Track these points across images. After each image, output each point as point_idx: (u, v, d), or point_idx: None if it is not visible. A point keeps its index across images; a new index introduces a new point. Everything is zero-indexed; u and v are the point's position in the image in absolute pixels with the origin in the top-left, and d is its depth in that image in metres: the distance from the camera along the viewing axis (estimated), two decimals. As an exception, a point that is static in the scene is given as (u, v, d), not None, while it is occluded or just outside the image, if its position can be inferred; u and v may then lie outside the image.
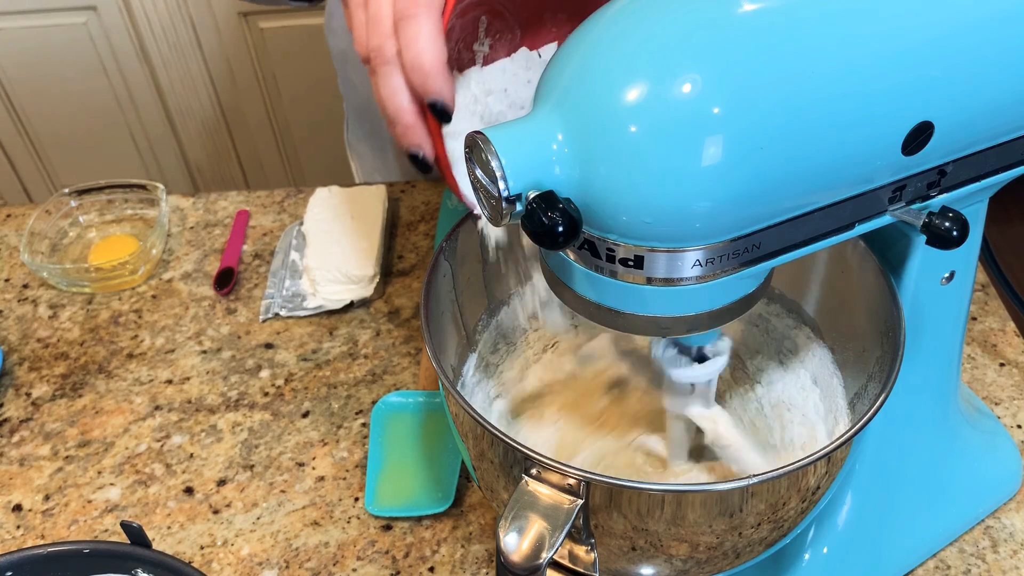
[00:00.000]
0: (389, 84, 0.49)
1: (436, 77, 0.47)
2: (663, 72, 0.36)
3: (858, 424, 0.43)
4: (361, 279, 0.82)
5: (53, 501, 0.69)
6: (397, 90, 0.49)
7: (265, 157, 1.86)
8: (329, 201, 0.90)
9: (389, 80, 0.49)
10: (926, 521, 0.61)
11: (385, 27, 0.48)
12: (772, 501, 0.44)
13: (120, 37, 1.64)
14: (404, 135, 0.50)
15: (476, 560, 0.63)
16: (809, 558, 0.59)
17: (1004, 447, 0.66)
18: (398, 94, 0.49)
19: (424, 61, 0.47)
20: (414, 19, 0.47)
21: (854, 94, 0.37)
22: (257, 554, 0.64)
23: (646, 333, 0.43)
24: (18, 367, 0.79)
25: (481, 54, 0.58)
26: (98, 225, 0.93)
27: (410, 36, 0.47)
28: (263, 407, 0.74)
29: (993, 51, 0.40)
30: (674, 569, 0.48)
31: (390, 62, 0.49)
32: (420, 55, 0.47)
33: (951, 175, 0.43)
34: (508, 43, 0.59)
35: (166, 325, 0.82)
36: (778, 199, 0.38)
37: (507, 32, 0.58)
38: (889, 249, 0.51)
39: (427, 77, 0.47)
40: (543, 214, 0.37)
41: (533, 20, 0.59)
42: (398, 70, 0.49)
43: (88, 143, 1.79)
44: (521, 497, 0.42)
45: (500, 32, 0.58)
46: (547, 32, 0.59)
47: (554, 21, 0.59)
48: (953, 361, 0.59)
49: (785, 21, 0.37)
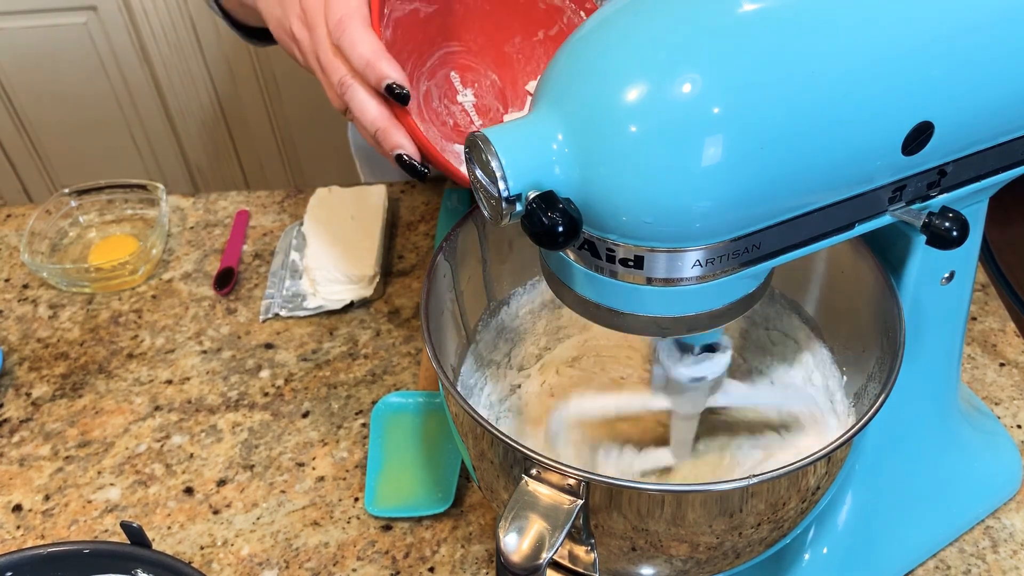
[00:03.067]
0: (356, 101, 0.53)
1: (379, 62, 0.51)
2: (663, 72, 0.36)
3: (858, 424, 0.43)
4: (361, 279, 0.82)
5: (53, 501, 0.69)
6: (364, 102, 0.52)
7: (265, 157, 1.86)
8: (329, 201, 0.90)
9: (355, 98, 0.52)
10: (926, 521, 0.61)
11: (335, 64, 0.53)
12: (772, 501, 0.44)
13: (120, 37, 1.64)
14: (384, 140, 0.53)
15: (476, 560, 0.63)
16: (809, 558, 0.59)
17: (1004, 447, 0.66)
18: (365, 105, 0.52)
19: (363, 52, 0.51)
20: (345, 32, 0.51)
21: (854, 94, 0.37)
22: (257, 554, 0.64)
23: (646, 333, 0.43)
24: (18, 367, 0.79)
25: (470, 104, 0.59)
26: (98, 225, 0.93)
27: (348, 45, 0.51)
28: (263, 407, 0.74)
29: (993, 51, 0.40)
30: (674, 569, 0.48)
31: (350, 85, 0.52)
32: (360, 52, 0.51)
33: (951, 175, 0.43)
34: (490, 87, 0.59)
35: (166, 325, 0.82)
36: (778, 199, 0.38)
37: (483, 78, 0.59)
38: (889, 249, 0.51)
39: (372, 66, 0.51)
40: (543, 214, 0.37)
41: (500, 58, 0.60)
42: (358, 86, 0.52)
43: (88, 143, 1.78)
44: (521, 497, 0.42)
45: (476, 80, 0.59)
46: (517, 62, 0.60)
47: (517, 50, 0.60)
48: (953, 361, 0.59)
49: (785, 21, 0.37)
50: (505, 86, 0.60)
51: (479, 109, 0.59)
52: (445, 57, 0.58)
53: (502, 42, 0.59)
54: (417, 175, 0.53)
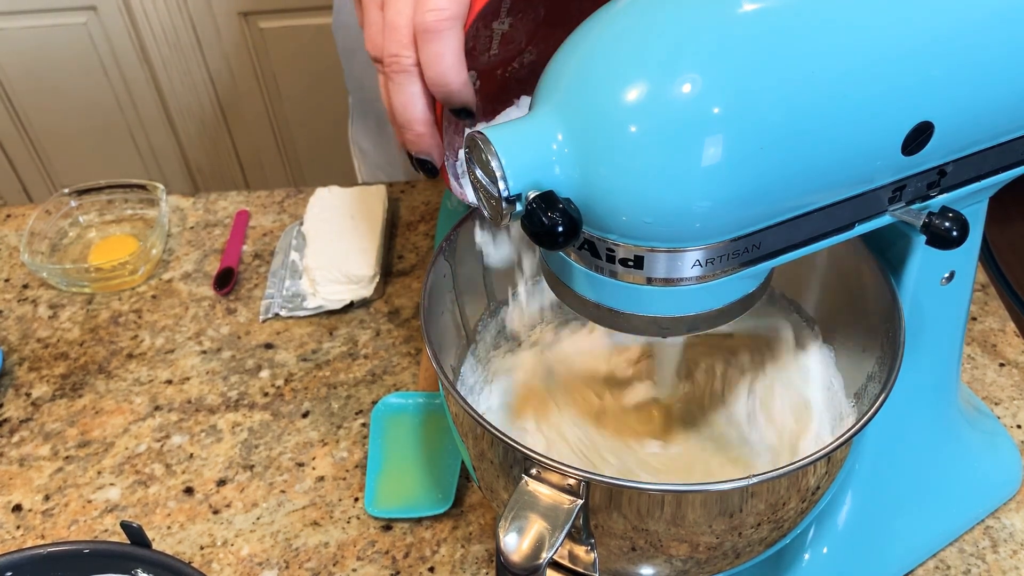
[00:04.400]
0: (404, 92, 0.48)
1: (461, 93, 0.48)
2: (663, 72, 0.36)
3: (858, 424, 0.43)
4: (361, 279, 0.82)
5: (53, 501, 0.69)
6: (412, 98, 0.48)
7: (265, 157, 1.86)
8: (329, 201, 0.90)
9: (404, 88, 0.48)
10: (926, 521, 0.61)
11: (403, 35, 0.47)
12: (772, 501, 0.44)
13: (120, 37, 1.64)
14: (415, 142, 0.50)
15: (476, 560, 0.63)
16: (809, 558, 0.59)
17: (1004, 447, 0.66)
18: (413, 102, 0.48)
19: (450, 81, 0.47)
20: (438, 36, 0.46)
21: (854, 94, 0.37)
22: (257, 554, 0.64)
23: (646, 333, 0.43)
24: (18, 367, 0.79)
25: (500, 32, 0.56)
26: (98, 225, 0.93)
27: (433, 54, 0.46)
28: (263, 407, 0.74)
29: (993, 51, 0.40)
30: (674, 569, 0.48)
31: (407, 71, 0.48)
32: (445, 75, 0.47)
33: (951, 175, 0.43)
34: (531, 21, 0.56)
35: (166, 325, 0.82)
36: (778, 199, 0.38)
37: (530, 10, 0.56)
38: (889, 249, 0.51)
39: (452, 94, 0.47)
40: (543, 214, 0.37)
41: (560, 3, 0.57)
42: (415, 79, 0.48)
43: (88, 143, 1.79)
44: (521, 497, 0.42)
45: (523, 11, 0.56)
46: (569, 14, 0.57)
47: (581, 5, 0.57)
48: (953, 361, 0.59)
49: (785, 21, 0.37)
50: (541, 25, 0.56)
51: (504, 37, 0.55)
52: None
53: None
54: (432, 174, 0.51)
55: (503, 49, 0.57)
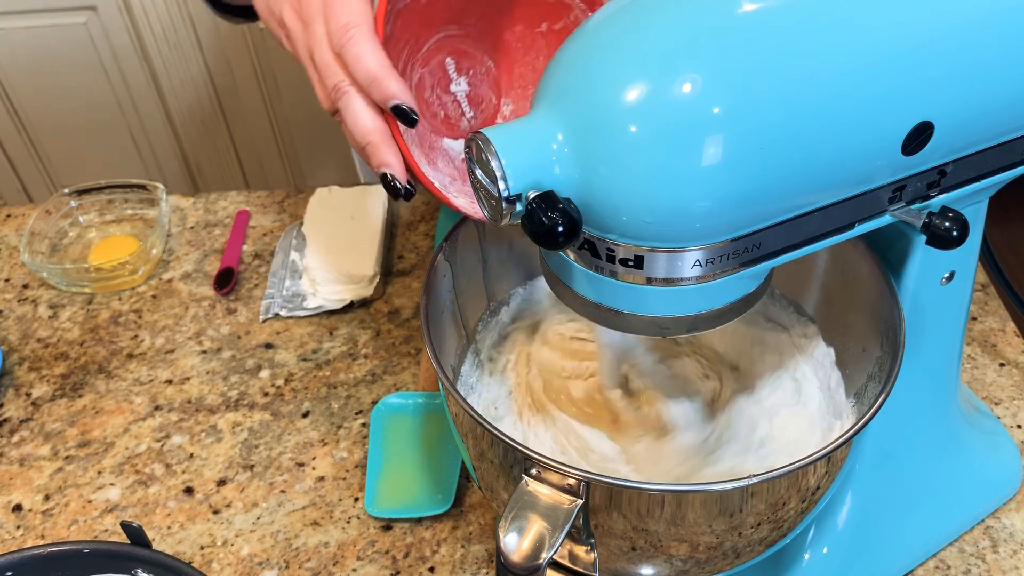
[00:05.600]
0: (351, 110, 0.51)
1: (388, 80, 0.49)
2: (663, 72, 0.36)
3: (858, 424, 0.43)
4: (361, 279, 0.82)
5: (53, 501, 0.69)
6: (358, 113, 0.51)
7: (265, 157, 1.85)
8: (329, 201, 0.90)
9: (350, 107, 0.51)
10: (926, 521, 0.61)
11: (333, 68, 0.51)
12: (772, 501, 0.44)
13: (120, 37, 1.64)
14: (373, 155, 0.51)
15: (476, 560, 0.63)
16: (809, 558, 0.59)
17: (1004, 447, 0.66)
18: (360, 116, 0.51)
19: (372, 69, 0.49)
20: (351, 42, 0.49)
21: (854, 94, 0.37)
22: (257, 554, 0.64)
23: (646, 333, 0.43)
24: (18, 367, 0.79)
25: (462, 93, 0.58)
26: (98, 225, 0.93)
27: (352, 57, 0.49)
28: (263, 407, 0.74)
29: (993, 51, 0.40)
30: (674, 569, 0.48)
31: (347, 92, 0.51)
32: (367, 67, 0.49)
33: (951, 175, 0.43)
34: (485, 75, 0.59)
35: (166, 325, 0.82)
36: (778, 199, 0.38)
37: (478, 65, 0.59)
38: (889, 249, 0.51)
39: (380, 83, 0.49)
40: (543, 214, 0.37)
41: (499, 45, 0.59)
42: (355, 95, 0.51)
43: (88, 143, 1.78)
44: (521, 497, 0.42)
45: (472, 67, 0.58)
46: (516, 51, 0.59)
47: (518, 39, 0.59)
48: (953, 361, 0.59)
49: (785, 21, 0.37)
50: (500, 74, 0.60)
51: (471, 99, 0.59)
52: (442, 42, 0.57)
53: (504, 29, 0.58)
54: (397, 195, 0.52)
55: (477, 109, 0.60)
